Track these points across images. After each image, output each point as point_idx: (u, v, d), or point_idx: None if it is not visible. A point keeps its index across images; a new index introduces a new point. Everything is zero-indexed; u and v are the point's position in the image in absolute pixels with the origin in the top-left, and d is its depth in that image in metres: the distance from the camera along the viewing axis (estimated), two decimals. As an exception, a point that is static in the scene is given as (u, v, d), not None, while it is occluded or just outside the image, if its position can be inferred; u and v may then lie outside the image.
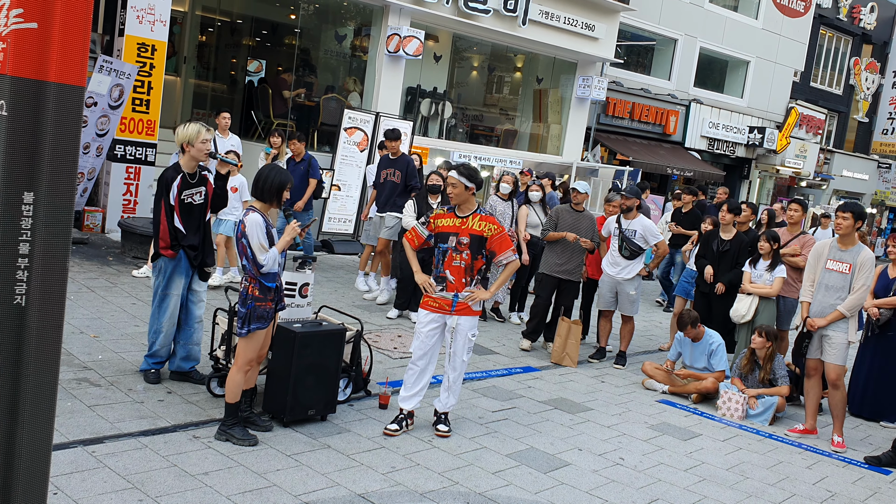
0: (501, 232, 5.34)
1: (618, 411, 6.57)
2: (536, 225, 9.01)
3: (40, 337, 2.55)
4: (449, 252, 5.32)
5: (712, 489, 5.17)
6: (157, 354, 5.60)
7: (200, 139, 5.33)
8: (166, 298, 5.47)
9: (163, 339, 5.52)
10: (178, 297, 5.50)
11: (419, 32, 13.36)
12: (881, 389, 7.37)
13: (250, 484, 4.25)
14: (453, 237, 5.31)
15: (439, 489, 4.55)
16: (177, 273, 5.46)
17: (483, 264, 5.36)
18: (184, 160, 5.42)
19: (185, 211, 5.40)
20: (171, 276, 5.45)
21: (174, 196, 5.36)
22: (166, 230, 5.38)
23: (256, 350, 4.84)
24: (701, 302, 8.14)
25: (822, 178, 25.87)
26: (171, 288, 5.48)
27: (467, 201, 5.38)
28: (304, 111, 14.67)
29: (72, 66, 2.47)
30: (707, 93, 21.33)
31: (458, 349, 5.35)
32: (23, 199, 2.45)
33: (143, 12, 9.88)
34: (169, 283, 5.47)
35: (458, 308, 5.31)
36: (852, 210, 6.28)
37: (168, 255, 5.39)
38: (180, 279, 5.49)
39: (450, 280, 5.30)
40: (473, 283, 5.33)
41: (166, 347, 5.59)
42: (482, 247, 5.32)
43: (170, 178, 5.39)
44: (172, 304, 5.48)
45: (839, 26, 26.05)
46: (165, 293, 5.46)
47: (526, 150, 17.26)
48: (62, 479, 3.97)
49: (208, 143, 5.38)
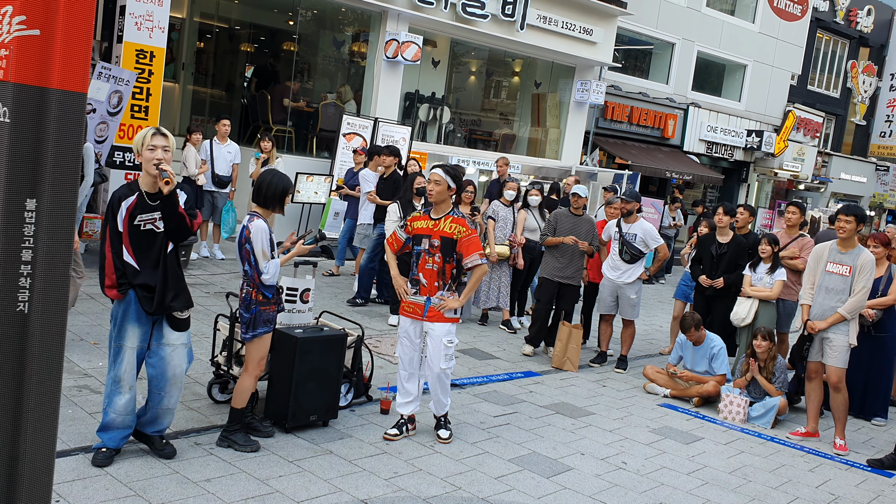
0: (471, 235, 5.20)
1: (619, 415, 6.56)
2: (535, 229, 9.01)
3: (43, 344, 2.55)
4: (423, 254, 5.26)
5: (715, 493, 5.16)
6: (111, 427, 4.32)
7: (146, 146, 4.15)
8: (119, 352, 4.27)
9: (117, 405, 4.27)
10: (133, 350, 4.29)
11: (417, 38, 13.38)
12: (871, 387, 7.42)
13: (252, 490, 4.24)
14: (426, 239, 5.25)
15: (442, 494, 4.54)
16: (128, 320, 4.25)
17: (454, 268, 5.24)
18: (142, 176, 4.29)
19: (137, 240, 4.21)
20: (121, 323, 4.27)
21: (122, 220, 4.17)
22: (111, 264, 4.21)
23: (265, 354, 4.82)
24: (701, 304, 8.13)
25: (820, 180, 25.90)
26: (123, 338, 4.27)
27: (445, 202, 5.28)
28: (303, 117, 14.68)
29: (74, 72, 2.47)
30: (705, 96, 21.37)
31: (432, 355, 5.26)
32: (25, 206, 2.45)
33: (142, 19, 9.88)
34: (121, 333, 4.27)
35: (429, 314, 5.24)
36: (855, 213, 6.29)
37: (112, 295, 4.24)
38: (134, 328, 4.27)
39: (423, 283, 5.26)
40: (446, 288, 5.24)
41: (124, 417, 4.32)
42: (453, 250, 5.20)
43: (119, 196, 4.21)
44: (126, 358, 4.26)
45: (836, 29, 26.10)
46: (118, 345, 4.28)
47: (524, 154, 17.26)
48: (64, 486, 3.95)
49: (157, 151, 4.16)
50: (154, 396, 4.42)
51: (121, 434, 4.34)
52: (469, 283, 5.31)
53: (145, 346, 4.36)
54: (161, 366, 4.37)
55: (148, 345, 4.36)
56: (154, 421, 4.50)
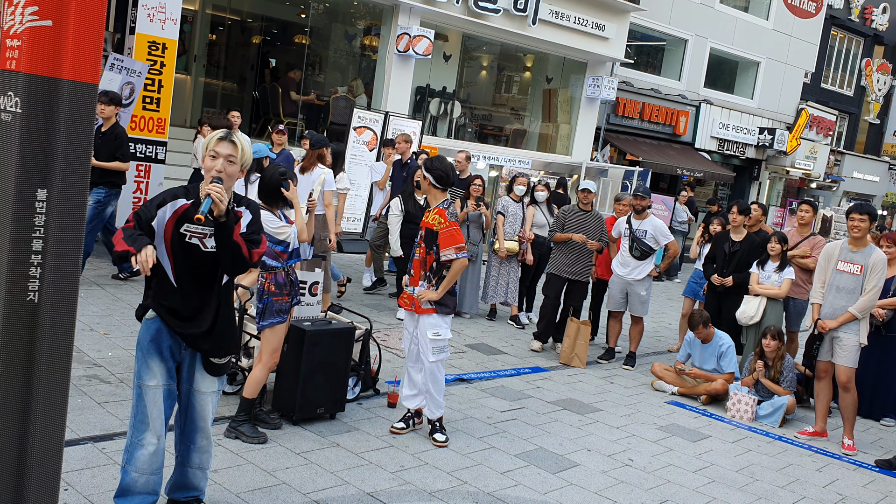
0: (448, 227, 5.08)
1: (627, 412, 6.55)
2: (542, 225, 9.01)
3: (53, 333, 2.56)
4: (415, 246, 5.33)
5: (721, 491, 5.14)
6: (131, 490, 3.45)
7: (210, 151, 3.34)
8: (139, 392, 3.40)
9: (138, 461, 3.41)
10: (158, 390, 3.40)
11: (429, 32, 13.35)
12: (880, 388, 7.39)
13: (259, 482, 4.26)
14: (420, 231, 5.32)
15: (448, 489, 4.55)
16: (152, 350, 3.39)
17: (434, 259, 5.15)
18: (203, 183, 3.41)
19: (181, 250, 3.35)
20: (145, 352, 3.39)
21: (165, 221, 3.32)
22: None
23: (278, 346, 4.83)
24: (713, 302, 8.10)
25: (832, 179, 25.75)
26: (144, 375, 3.39)
27: (431, 194, 5.24)
28: (314, 110, 14.69)
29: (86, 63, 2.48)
30: (717, 93, 21.25)
31: (421, 348, 5.20)
32: (36, 195, 2.46)
33: (154, 11, 9.90)
34: (143, 366, 3.40)
35: (416, 305, 5.19)
36: (869, 212, 6.26)
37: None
38: (159, 362, 3.40)
39: (411, 274, 5.29)
40: (426, 280, 5.17)
41: (148, 478, 3.45)
42: (434, 241, 5.14)
43: (173, 194, 3.39)
44: (149, 400, 3.38)
45: (851, 27, 25.90)
46: (138, 383, 3.41)
47: (535, 149, 17.23)
48: (73, 475, 3.98)
49: (219, 161, 3.30)
50: (182, 449, 3.63)
51: (144, 502, 3.47)
52: (447, 277, 5.12)
53: (174, 386, 3.50)
54: (193, 415, 3.56)
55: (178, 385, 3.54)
56: (185, 484, 3.68)
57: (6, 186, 2.44)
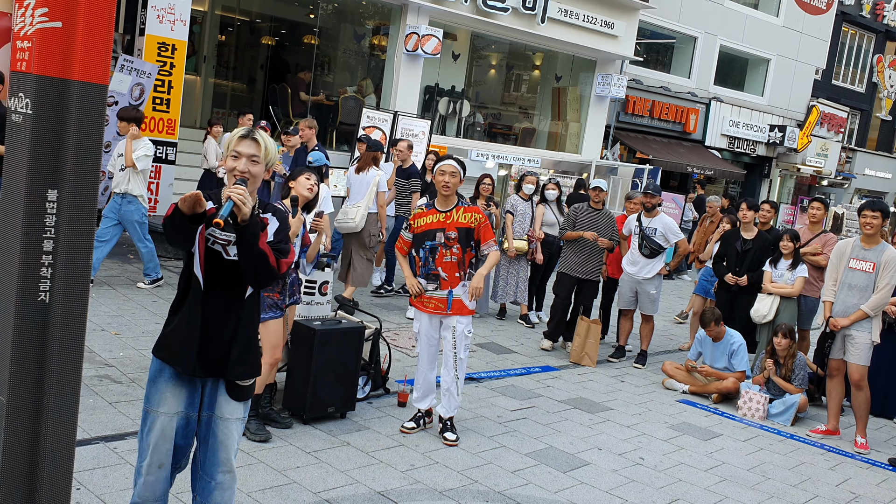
0: (485, 221, 5.25)
1: (638, 411, 6.54)
2: (552, 224, 9.00)
3: (64, 333, 2.57)
4: (439, 249, 5.21)
5: (733, 489, 5.12)
6: None
7: (231, 150, 3.07)
8: (147, 419, 3.08)
9: (139, 486, 3.11)
10: (168, 417, 3.07)
11: (438, 31, 13.36)
12: (893, 386, 7.33)
13: (270, 481, 4.27)
14: (440, 233, 5.20)
15: (458, 487, 4.55)
16: (163, 373, 3.08)
17: (473, 256, 5.26)
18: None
19: (209, 259, 3.06)
20: (156, 374, 3.09)
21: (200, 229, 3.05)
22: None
23: (277, 341, 4.82)
24: (724, 299, 8.06)
25: (843, 176, 25.60)
26: (153, 401, 3.08)
27: (454, 193, 5.29)
28: (323, 110, 14.71)
29: (95, 64, 2.49)
30: (727, 91, 21.17)
31: (454, 347, 5.24)
32: (47, 196, 2.47)
33: (164, 12, 9.95)
34: (152, 391, 3.09)
35: (454, 308, 5.20)
36: (881, 209, 6.22)
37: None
38: (173, 388, 3.08)
39: (443, 277, 5.21)
40: (467, 277, 5.24)
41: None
42: (471, 238, 5.21)
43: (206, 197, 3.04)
44: (157, 428, 3.06)
45: (862, 23, 25.75)
46: (146, 409, 3.10)
47: (544, 148, 17.21)
48: (85, 474, 4.00)
49: (241, 161, 3.03)
50: (200, 484, 3.20)
51: None
52: (484, 267, 5.27)
53: (192, 415, 3.14)
54: (214, 444, 3.14)
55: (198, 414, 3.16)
56: None
57: (17, 187, 2.45)
